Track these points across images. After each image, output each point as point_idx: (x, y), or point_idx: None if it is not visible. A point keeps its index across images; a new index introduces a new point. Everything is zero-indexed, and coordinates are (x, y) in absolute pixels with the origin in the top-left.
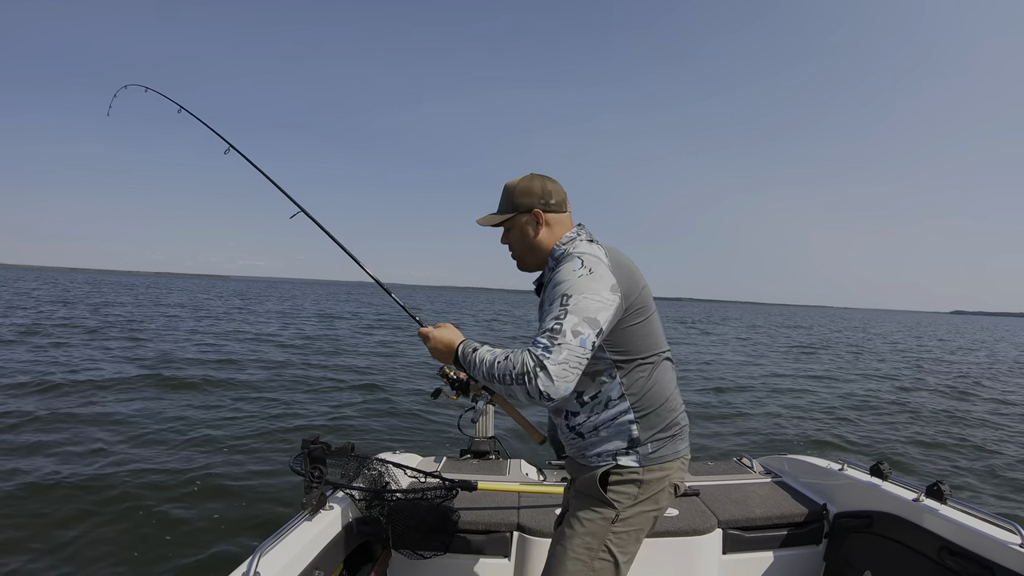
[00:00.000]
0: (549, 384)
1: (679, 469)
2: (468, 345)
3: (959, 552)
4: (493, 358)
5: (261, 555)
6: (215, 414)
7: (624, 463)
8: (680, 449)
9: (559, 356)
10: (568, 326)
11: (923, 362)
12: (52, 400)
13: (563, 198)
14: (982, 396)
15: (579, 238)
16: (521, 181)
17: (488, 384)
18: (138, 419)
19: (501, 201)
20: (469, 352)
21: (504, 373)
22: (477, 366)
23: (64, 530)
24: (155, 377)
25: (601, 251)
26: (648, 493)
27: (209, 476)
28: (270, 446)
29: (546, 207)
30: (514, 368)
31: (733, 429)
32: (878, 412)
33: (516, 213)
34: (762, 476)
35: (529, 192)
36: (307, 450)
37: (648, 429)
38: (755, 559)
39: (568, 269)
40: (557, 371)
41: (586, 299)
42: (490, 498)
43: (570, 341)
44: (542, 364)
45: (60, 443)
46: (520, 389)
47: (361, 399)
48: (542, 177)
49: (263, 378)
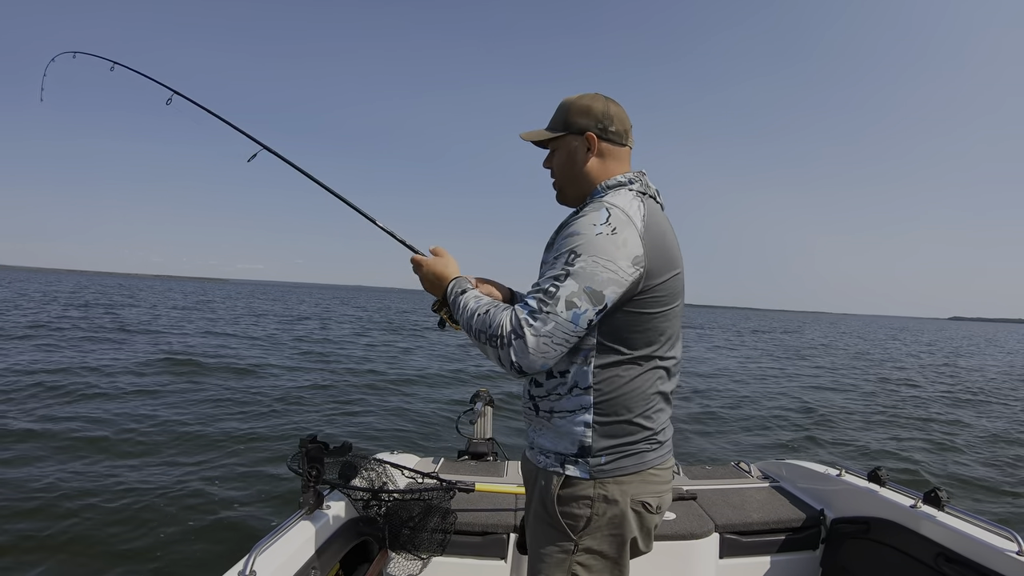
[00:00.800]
0: (524, 355)
1: (647, 483)
2: (459, 285)
3: (956, 559)
4: (476, 307)
5: (257, 554)
6: (211, 411)
7: (572, 473)
8: (648, 459)
9: (543, 327)
10: (564, 293)
11: (921, 367)
12: (51, 400)
13: (626, 128)
14: (981, 402)
15: (629, 185)
16: (581, 98)
17: (467, 334)
18: (134, 416)
19: (554, 117)
20: (457, 293)
21: (481, 328)
22: (460, 310)
23: (59, 529)
24: (153, 374)
25: (640, 211)
26: (603, 514)
27: (205, 474)
28: (267, 444)
29: (603, 133)
30: (490, 325)
31: (730, 434)
32: (875, 417)
33: (567, 133)
34: (760, 481)
35: (588, 112)
36: (304, 449)
37: (605, 438)
38: (752, 564)
39: (587, 221)
40: (535, 344)
41: (596, 264)
42: (487, 500)
43: (560, 312)
44: (521, 331)
45: (54, 442)
46: (492, 351)
47: (361, 399)
48: (607, 99)
49: (262, 377)
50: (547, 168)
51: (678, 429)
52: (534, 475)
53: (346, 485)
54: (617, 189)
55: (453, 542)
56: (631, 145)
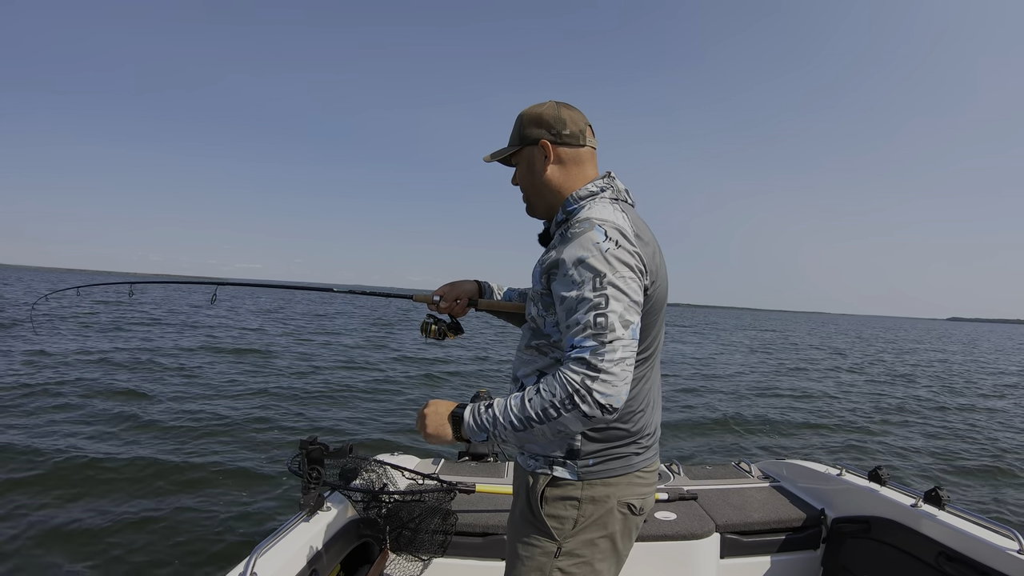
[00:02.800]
0: (610, 390)
1: (633, 485)
2: (474, 406)
3: (957, 558)
4: (519, 402)
5: (258, 556)
6: (213, 412)
7: (560, 474)
8: (635, 462)
9: (615, 354)
10: (615, 316)
11: (921, 368)
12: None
13: (580, 128)
14: (980, 402)
15: (602, 194)
16: (533, 108)
17: (522, 436)
18: (132, 416)
19: (512, 133)
20: (481, 411)
21: (542, 409)
22: (497, 419)
23: (59, 530)
24: (153, 374)
25: (625, 220)
26: (589, 516)
27: (206, 475)
28: (268, 446)
29: (558, 138)
30: (555, 395)
31: (731, 433)
32: (877, 417)
33: (523, 145)
34: (760, 481)
35: (539, 120)
36: (305, 451)
37: (594, 442)
38: (753, 564)
39: (587, 242)
40: (619, 372)
41: (622, 279)
42: (488, 501)
43: (622, 335)
44: (596, 371)
45: (53, 444)
46: (572, 416)
47: (361, 401)
48: (558, 104)
49: (262, 378)
50: (516, 184)
51: (678, 429)
52: (523, 477)
53: (347, 487)
54: (594, 199)
55: (454, 543)
56: (592, 145)
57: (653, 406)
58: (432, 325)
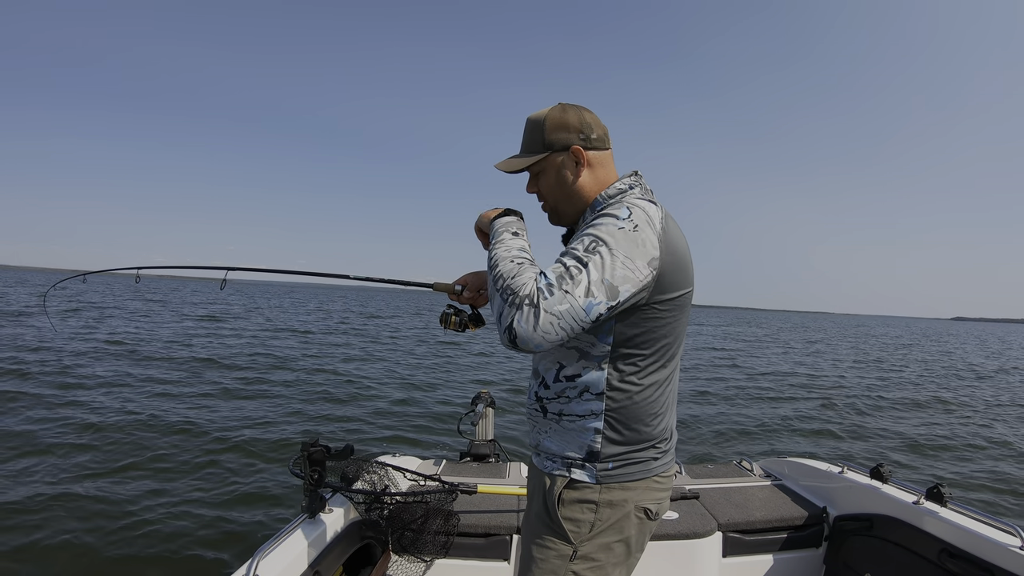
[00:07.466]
0: (527, 326)
1: (650, 490)
2: (510, 225)
3: (959, 555)
4: (515, 254)
5: (260, 558)
6: (213, 414)
7: (578, 477)
8: (653, 467)
9: (557, 305)
10: (585, 278)
11: (924, 366)
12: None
13: (604, 132)
14: (982, 400)
15: (632, 191)
16: (551, 112)
17: (489, 272)
18: (133, 417)
19: (526, 139)
20: (504, 232)
21: (505, 274)
22: (498, 246)
23: (59, 533)
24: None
25: (658, 214)
26: (607, 520)
27: (208, 478)
28: (269, 448)
29: (587, 143)
30: (515, 277)
31: (732, 432)
32: (877, 414)
33: (550, 152)
34: (762, 479)
35: (564, 126)
36: (306, 452)
37: (614, 445)
38: (755, 562)
39: (609, 219)
40: (544, 320)
41: (616, 259)
42: (490, 501)
43: (578, 297)
44: (536, 300)
45: (55, 447)
46: (500, 304)
47: (361, 402)
48: (575, 107)
49: (262, 378)
50: (532, 193)
51: (678, 428)
52: (539, 479)
53: (348, 488)
54: (624, 195)
55: (456, 544)
56: (611, 147)
57: (670, 410)
58: (453, 316)
